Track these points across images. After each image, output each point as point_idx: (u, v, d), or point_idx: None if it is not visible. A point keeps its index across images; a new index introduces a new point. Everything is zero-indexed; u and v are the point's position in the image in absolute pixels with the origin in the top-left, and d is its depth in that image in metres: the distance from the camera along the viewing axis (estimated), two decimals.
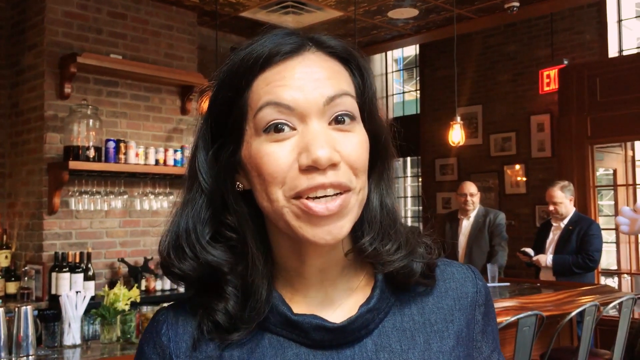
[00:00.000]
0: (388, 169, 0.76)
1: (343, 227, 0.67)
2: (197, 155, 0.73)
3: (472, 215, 5.14)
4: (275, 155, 0.66)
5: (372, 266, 0.76)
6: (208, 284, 0.72)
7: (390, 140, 0.76)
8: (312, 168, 0.65)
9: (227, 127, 0.71)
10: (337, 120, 0.68)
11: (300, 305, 0.73)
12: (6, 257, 4.46)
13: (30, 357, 2.36)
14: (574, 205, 4.76)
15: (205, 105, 0.77)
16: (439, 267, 0.79)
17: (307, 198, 0.66)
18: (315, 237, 0.67)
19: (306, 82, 0.67)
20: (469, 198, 5.09)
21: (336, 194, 0.66)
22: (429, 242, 0.77)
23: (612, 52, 6.63)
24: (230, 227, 0.72)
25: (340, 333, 0.70)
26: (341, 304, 0.74)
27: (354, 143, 0.68)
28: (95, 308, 2.75)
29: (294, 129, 0.67)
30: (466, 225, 5.17)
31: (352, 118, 0.69)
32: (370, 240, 0.73)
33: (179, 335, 0.73)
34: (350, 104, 0.69)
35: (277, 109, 0.67)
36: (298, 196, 0.66)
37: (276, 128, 0.67)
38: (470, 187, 5.16)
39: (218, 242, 0.72)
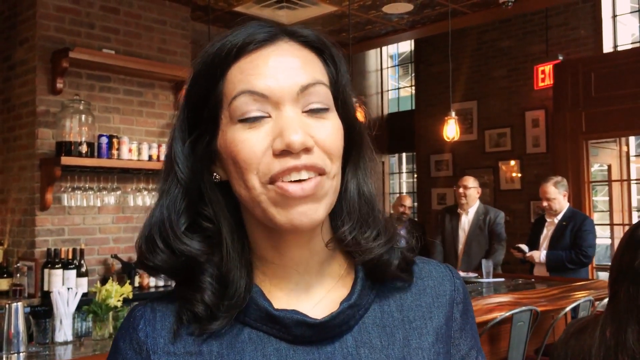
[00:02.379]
0: (364, 156, 0.76)
1: (318, 209, 0.67)
2: (174, 145, 0.73)
3: (471, 211, 5.16)
4: (250, 142, 0.67)
5: (352, 259, 0.75)
6: (188, 276, 0.71)
7: (364, 129, 0.76)
8: (285, 152, 0.66)
9: (203, 117, 0.71)
10: (312, 109, 0.68)
11: (279, 299, 0.72)
12: None
13: (21, 354, 2.34)
14: (568, 201, 4.76)
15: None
16: (417, 265, 0.79)
17: (282, 181, 0.66)
18: (292, 220, 0.66)
19: (280, 70, 0.68)
20: (461, 190, 5.14)
21: (310, 177, 0.66)
22: (406, 235, 0.78)
23: (607, 47, 6.64)
24: (207, 217, 0.72)
25: (321, 329, 0.70)
26: (321, 299, 0.74)
27: (328, 128, 0.69)
28: (87, 304, 2.73)
29: (268, 116, 0.67)
30: (465, 220, 5.18)
31: (326, 106, 0.69)
32: (350, 228, 0.73)
33: (156, 331, 0.72)
34: (324, 93, 0.70)
35: (251, 97, 0.67)
36: (273, 180, 0.66)
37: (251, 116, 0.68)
38: (466, 181, 5.19)
39: (194, 232, 0.71)
